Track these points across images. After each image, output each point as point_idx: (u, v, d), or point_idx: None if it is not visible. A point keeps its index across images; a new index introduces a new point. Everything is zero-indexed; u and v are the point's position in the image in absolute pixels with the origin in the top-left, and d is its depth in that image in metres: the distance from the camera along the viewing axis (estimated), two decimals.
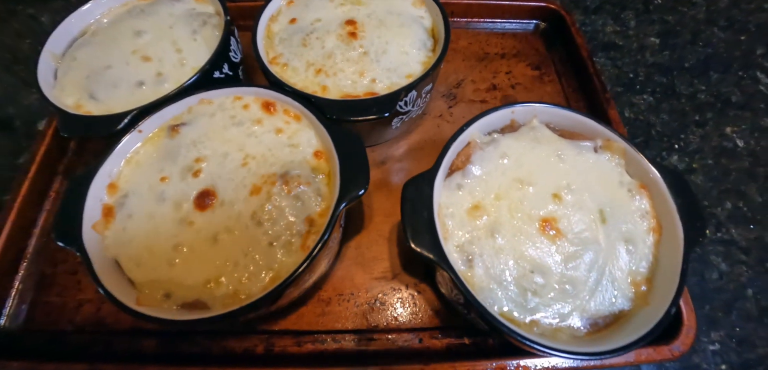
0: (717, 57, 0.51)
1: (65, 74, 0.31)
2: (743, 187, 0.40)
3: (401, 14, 0.35)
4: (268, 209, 0.25)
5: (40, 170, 0.35)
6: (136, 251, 0.24)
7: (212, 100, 0.29)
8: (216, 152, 0.27)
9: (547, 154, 0.28)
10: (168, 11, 0.35)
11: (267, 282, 0.23)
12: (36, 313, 0.31)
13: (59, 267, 0.33)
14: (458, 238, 0.25)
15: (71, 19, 0.34)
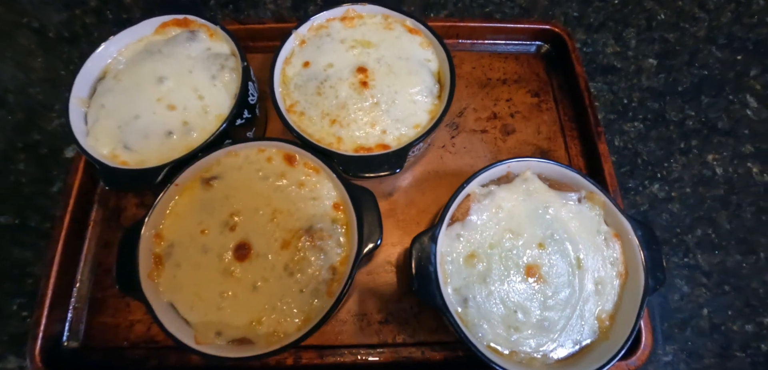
0: (711, 79, 0.54)
1: (96, 122, 0.34)
2: (714, 214, 0.45)
3: (409, 59, 0.37)
4: (298, 261, 0.29)
5: (77, 202, 0.39)
6: (187, 296, 0.29)
7: (238, 153, 0.33)
8: (247, 207, 0.31)
9: (535, 207, 0.32)
10: (185, 53, 0.37)
11: (300, 323, 0.28)
12: (93, 332, 0.37)
13: (108, 292, 0.38)
14: (456, 282, 0.31)
15: (89, 63, 0.36)
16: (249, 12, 0.52)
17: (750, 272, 0.43)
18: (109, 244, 0.40)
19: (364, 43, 0.38)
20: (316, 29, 0.39)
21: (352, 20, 0.39)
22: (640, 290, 0.29)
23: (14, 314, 0.38)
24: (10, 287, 0.39)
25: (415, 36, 0.39)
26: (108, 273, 0.39)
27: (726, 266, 0.43)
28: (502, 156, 0.45)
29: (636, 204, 0.45)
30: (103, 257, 0.39)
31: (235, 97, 0.35)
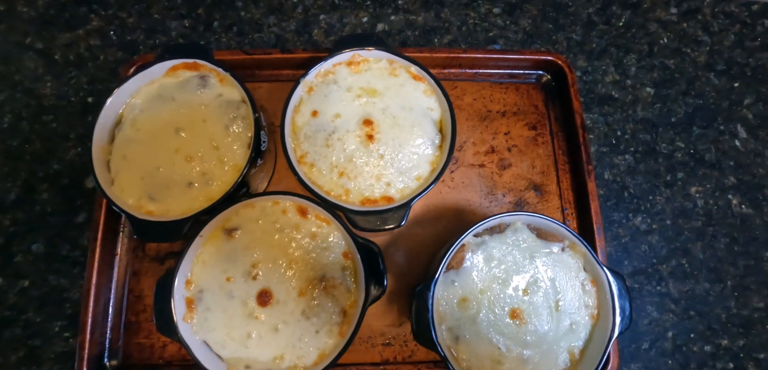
0: (704, 109, 0.56)
1: (120, 173, 0.38)
2: (690, 245, 0.50)
3: (413, 109, 0.40)
4: (313, 306, 0.34)
5: (104, 235, 0.43)
6: (219, 336, 0.34)
7: (254, 205, 0.37)
8: (267, 257, 0.35)
9: (523, 257, 0.37)
10: (198, 100, 0.40)
11: (316, 358, 0.34)
12: (130, 351, 0.43)
13: (141, 316, 0.43)
14: (449, 322, 0.36)
15: (105, 112, 0.39)
16: (253, 36, 0.53)
17: (715, 299, 0.49)
18: (137, 272, 0.45)
19: (369, 91, 0.40)
20: (323, 75, 0.41)
21: (358, 64, 0.41)
22: (608, 332, 0.35)
23: (57, 334, 0.44)
24: (51, 310, 0.44)
25: (419, 83, 0.41)
26: (138, 299, 0.44)
27: (694, 293, 0.49)
28: (498, 190, 0.49)
29: (618, 236, 0.50)
30: (133, 285, 0.44)
31: (249, 147, 0.38)
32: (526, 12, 0.57)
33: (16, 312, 0.45)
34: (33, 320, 0.44)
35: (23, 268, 0.46)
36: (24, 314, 0.45)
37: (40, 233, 0.47)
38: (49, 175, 0.48)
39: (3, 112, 0.51)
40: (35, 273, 0.46)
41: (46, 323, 0.44)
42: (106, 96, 0.50)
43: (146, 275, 0.44)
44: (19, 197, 0.48)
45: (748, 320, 0.49)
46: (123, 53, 0.53)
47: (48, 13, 0.55)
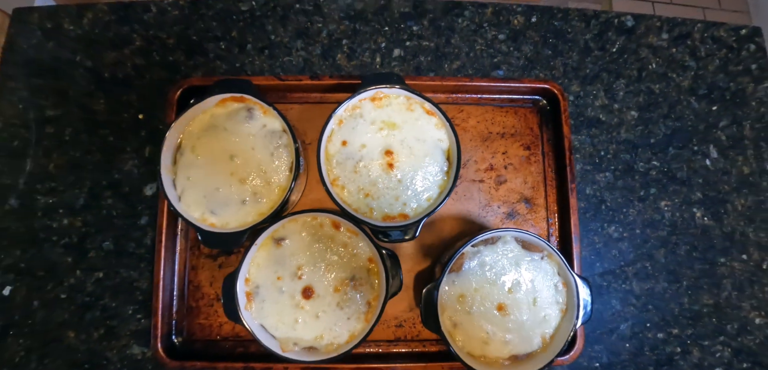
0: (682, 131, 0.67)
1: (185, 191, 0.49)
2: (654, 251, 0.63)
3: (426, 140, 0.51)
4: (345, 300, 0.47)
5: (166, 237, 0.56)
6: (272, 322, 0.47)
7: (297, 220, 0.49)
8: (309, 262, 0.48)
9: (510, 263, 0.50)
10: (247, 131, 0.50)
11: (347, 338, 0.48)
12: (193, 330, 0.56)
13: (200, 302, 0.57)
14: (450, 312, 0.49)
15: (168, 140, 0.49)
16: (283, 59, 0.63)
17: (671, 297, 0.63)
18: (195, 267, 0.57)
19: (390, 124, 0.51)
20: (351, 110, 0.52)
21: (380, 100, 0.52)
22: (572, 323, 0.48)
23: (130, 316, 0.57)
24: (124, 297, 0.58)
25: (432, 117, 0.52)
26: (197, 288, 0.57)
27: (653, 291, 0.62)
28: (494, 203, 0.61)
29: (593, 243, 0.62)
30: (192, 277, 0.57)
31: (291, 170, 0.50)
32: (528, 38, 0.66)
33: (94, 298, 0.58)
34: (109, 305, 0.58)
35: (96, 262, 0.58)
36: (101, 300, 0.58)
37: (108, 233, 0.59)
38: (112, 184, 0.60)
39: (63, 126, 0.61)
40: (107, 267, 0.58)
41: (120, 307, 0.58)
42: (156, 114, 0.61)
43: (202, 269, 0.57)
44: (86, 202, 0.59)
45: (697, 314, 0.63)
46: (166, 73, 0.62)
47: (93, 31, 0.64)
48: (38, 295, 0.58)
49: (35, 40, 0.65)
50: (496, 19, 0.67)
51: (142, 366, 0.56)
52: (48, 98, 0.62)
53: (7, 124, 0.62)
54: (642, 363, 0.61)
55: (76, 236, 0.59)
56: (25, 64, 0.64)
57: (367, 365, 0.54)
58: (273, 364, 0.53)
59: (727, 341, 0.63)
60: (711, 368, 0.62)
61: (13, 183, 0.61)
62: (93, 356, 0.57)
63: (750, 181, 0.67)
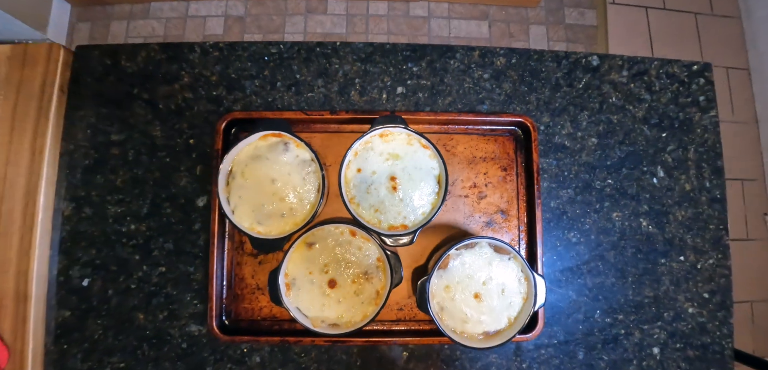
0: (634, 154, 0.86)
1: (237, 207, 0.68)
2: (605, 253, 0.83)
3: (422, 169, 0.70)
4: (359, 289, 0.67)
5: (218, 239, 0.74)
6: (305, 305, 0.67)
7: (324, 229, 0.68)
8: (333, 261, 0.67)
9: (485, 263, 0.69)
10: (284, 160, 0.69)
11: (361, 318, 0.67)
12: (239, 313, 0.76)
13: (244, 291, 0.76)
14: (438, 298, 0.69)
15: (223, 166, 0.67)
16: (307, 95, 0.81)
17: (618, 290, 0.82)
18: (239, 263, 0.76)
19: (394, 156, 0.70)
20: (364, 144, 0.70)
21: (387, 136, 0.70)
22: (531, 308, 0.68)
23: (189, 302, 0.77)
24: (183, 287, 0.77)
25: (426, 150, 0.70)
26: (242, 280, 0.76)
27: (604, 284, 0.82)
28: (476, 214, 0.80)
29: (555, 246, 0.82)
30: (237, 271, 0.76)
31: (318, 191, 0.68)
32: (508, 77, 0.84)
33: (159, 288, 0.77)
34: (171, 293, 0.77)
35: (159, 259, 0.77)
36: (164, 289, 0.77)
37: (168, 236, 0.77)
38: (170, 196, 0.78)
39: (127, 149, 0.79)
40: (169, 263, 0.77)
41: (180, 295, 0.77)
42: (205, 139, 0.79)
43: (245, 265, 0.76)
44: (149, 211, 0.78)
45: (639, 304, 0.83)
46: (211, 105, 0.80)
47: (147, 68, 0.81)
48: (112, 285, 0.77)
49: (97, 75, 0.82)
50: (482, 60, 0.84)
51: (198, 341, 0.76)
52: (112, 125, 0.80)
53: (79, 146, 0.80)
54: (592, 341, 0.81)
55: (141, 238, 0.78)
56: (91, 95, 0.81)
57: (375, 338, 0.74)
58: (302, 338, 0.73)
59: (664, 326, 0.83)
60: (649, 346, 0.82)
61: (87, 195, 0.79)
62: (159, 333, 0.76)
63: (690, 196, 0.86)
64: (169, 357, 0.76)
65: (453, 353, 0.79)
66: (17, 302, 0.77)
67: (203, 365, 0.76)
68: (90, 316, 0.76)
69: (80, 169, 0.79)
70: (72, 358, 0.76)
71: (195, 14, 1.74)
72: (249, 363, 0.76)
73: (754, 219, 1.92)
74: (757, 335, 1.88)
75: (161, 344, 0.76)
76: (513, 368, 0.79)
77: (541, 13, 1.91)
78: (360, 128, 0.75)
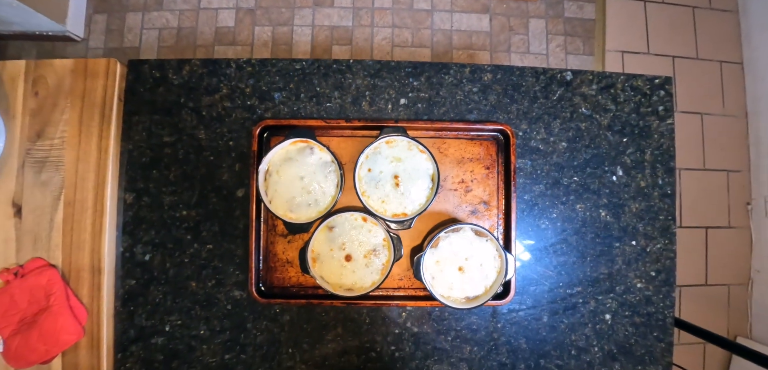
0: (598, 156, 1.10)
1: (273, 199, 0.93)
2: (569, 237, 1.08)
3: (419, 169, 0.95)
4: (369, 262, 0.94)
5: (255, 224, 1.00)
6: (328, 274, 0.94)
7: (342, 215, 0.94)
8: (349, 240, 0.93)
9: (467, 243, 0.95)
10: (309, 161, 0.94)
11: (370, 285, 0.94)
12: (272, 281, 1.02)
13: (276, 264, 1.02)
14: (430, 270, 0.95)
15: (262, 167, 0.93)
16: (325, 105, 1.04)
17: (578, 267, 1.09)
18: (272, 242, 1.02)
19: (397, 159, 0.95)
20: (373, 150, 0.95)
21: (391, 143, 0.95)
22: (502, 279, 0.94)
23: (232, 273, 1.03)
24: (227, 260, 1.03)
25: (423, 154, 0.95)
26: (275, 256, 1.02)
27: (566, 262, 1.08)
28: (463, 204, 1.05)
29: (527, 231, 1.07)
30: (271, 248, 1.02)
31: (337, 187, 0.94)
32: (493, 90, 1.08)
33: (207, 262, 1.03)
34: (217, 265, 1.03)
35: (207, 239, 1.03)
36: (212, 262, 1.03)
37: (215, 220, 1.03)
38: (214, 188, 1.03)
39: (178, 149, 1.04)
40: (215, 241, 1.03)
41: (225, 267, 1.03)
42: (242, 142, 1.04)
43: (277, 243, 1.02)
44: (198, 200, 1.03)
45: (595, 279, 1.09)
46: (246, 113, 1.04)
47: (191, 80, 1.05)
48: (169, 260, 1.03)
49: (149, 86, 1.05)
50: (472, 76, 1.07)
51: (241, 303, 1.03)
52: (164, 128, 1.04)
53: (137, 146, 1.05)
54: (555, 307, 1.08)
55: (192, 222, 1.03)
56: (144, 103, 1.05)
57: (381, 301, 1.01)
58: (323, 300, 0.99)
59: (616, 297, 1.10)
60: (602, 313, 1.10)
61: (145, 187, 1.04)
62: (208, 298, 1.03)
63: (644, 192, 1.12)
64: (217, 316, 1.03)
65: (442, 313, 1.06)
66: (92, 273, 1.04)
67: (244, 323, 1.03)
68: (152, 284, 1.03)
69: (139, 166, 1.04)
70: (138, 317, 1.03)
71: (207, 6, 1.94)
72: (281, 321, 1.03)
73: (736, 208, 2.18)
74: (733, 316, 2.18)
75: (211, 306, 1.03)
76: (490, 327, 1.07)
77: (541, 7, 2.10)
78: (370, 134, 1.00)
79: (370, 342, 1.04)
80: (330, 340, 1.03)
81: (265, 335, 1.03)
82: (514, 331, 1.07)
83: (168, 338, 1.03)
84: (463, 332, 1.06)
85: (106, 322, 1.05)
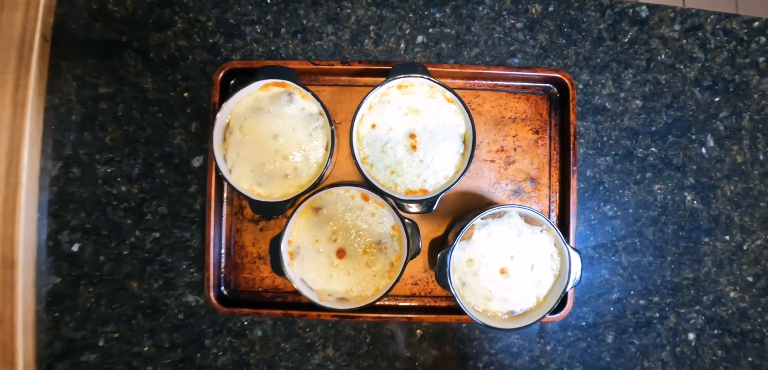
0: (682, 120, 0.75)
1: (235, 166, 0.59)
2: (644, 229, 0.73)
3: (446, 126, 0.60)
4: (371, 260, 0.59)
5: (215, 203, 0.66)
6: (311, 276, 0.59)
7: (332, 192, 0.59)
8: (342, 228, 0.59)
9: (513, 234, 0.60)
10: (287, 113, 0.60)
11: (373, 291, 0.60)
12: (238, 283, 0.69)
13: (244, 259, 0.69)
14: (459, 273, 0.60)
15: (219, 119, 0.59)
16: (315, 43, 0.71)
17: (655, 269, 0.73)
18: (239, 229, 0.69)
19: (414, 110, 0.60)
20: (380, 96, 0.60)
21: (406, 88, 0.60)
22: (563, 287, 0.59)
23: (185, 270, 0.70)
24: (179, 255, 0.70)
25: (451, 105, 0.60)
26: (242, 248, 0.69)
27: (640, 263, 0.73)
28: (502, 181, 0.71)
29: (589, 220, 0.72)
30: (237, 238, 0.69)
31: (326, 149, 0.60)
32: (544, 27, 0.73)
33: (153, 255, 0.70)
34: (166, 260, 0.70)
35: (153, 224, 0.70)
36: (159, 256, 0.70)
37: (162, 199, 0.70)
38: (163, 156, 0.70)
39: (116, 103, 0.71)
40: (163, 228, 0.70)
41: (175, 262, 0.70)
42: (201, 93, 0.70)
43: (246, 231, 0.69)
44: (141, 171, 0.70)
45: (677, 286, 0.74)
46: (207, 54, 0.70)
47: (137, 13, 0.71)
48: (104, 251, 0.70)
49: (83, 21, 0.72)
50: (515, 7, 0.73)
51: (196, 312, 0.70)
52: (100, 77, 0.71)
53: (65, 100, 0.72)
54: (623, 324, 0.73)
55: (133, 201, 0.70)
56: (76, 43, 0.72)
57: (387, 314, 0.67)
58: (308, 311, 0.66)
59: (702, 310, 0.74)
60: (684, 332, 0.74)
61: (74, 154, 0.71)
62: (154, 303, 0.70)
63: (742, 169, 0.76)
64: (165, 328, 0.70)
65: (471, 332, 0.71)
66: (4, 268, 0.70)
67: (201, 338, 0.69)
68: (81, 283, 0.70)
69: (67, 126, 0.71)
70: (65, 327, 0.70)
71: None
72: (250, 337, 0.69)
73: None
74: None
75: (157, 314, 0.70)
76: (536, 349, 0.72)
77: None
78: (375, 82, 0.65)
79: (372, 369, 0.70)
80: (317, 364, 0.69)
81: (229, 356, 0.69)
82: (568, 356, 0.72)
83: (102, 356, 0.70)
84: (499, 356, 0.71)
85: (23, 332, 0.71)
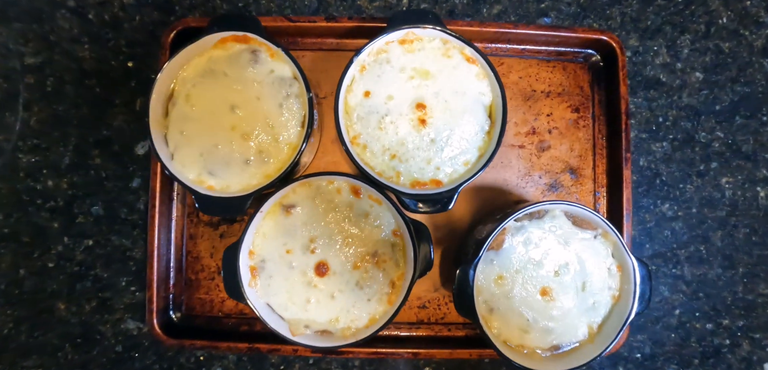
0: (751, 97, 0.56)
1: (179, 148, 0.40)
2: (711, 233, 0.54)
3: (465, 94, 0.41)
4: (365, 278, 0.39)
5: (161, 201, 0.47)
6: (281, 300, 0.39)
7: (311, 183, 0.40)
8: (324, 234, 0.39)
9: (558, 242, 0.41)
10: (251, 77, 0.41)
11: (367, 322, 0.40)
12: (193, 305, 0.49)
13: (200, 274, 0.49)
14: (485, 295, 0.41)
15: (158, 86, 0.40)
16: (294, 0, 0.52)
17: (724, 284, 0.54)
18: (193, 235, 0.49)
19: (422, 73, 0.41)
20: (376, 54, 0.41)
21: (411, 43, 0.41)
22: (626, 313, 0.40)
23: (124, 288, 0.50)
24: (117, 267, 0.50)
25: (472, 66, 0.42)
26: (197, 259, 0.49)
27: (706, 277, 0.54)
28: (535, 171, 0.51)
29: (644, 221, 0.53)
30: (191, 247, 0.49)
31: (303, 125, 0.40)
32: None
33: (85, 268, 0.50)
34: (101, 275, 0.50)
35: (86, 228, 0.51)
36: (92, 270, 0.50)
37: (98, 197, 0.51)
38: (100, 141, 0.51)
39: (45, 76, 0.52)
40: (98, 233, 0.50)
41: (113, 277, 0.50)
42: (149, 62, 0.51)
43: (202, 238, 0.49)
44: (73, 161, 0.51)
45: (751, 304, 0.54)
46: (159, 14, 0.52)
47: None
48: (25, 262, 0.51)
49: None
50: None
51: (138, 342, 0.50)
52: (27, 44, 0.52)
53: None
54: (687, 355, 0.53)
55: (62, 199, 0.51)
56: (3, 5, 0.53)
57: (387, 349, 0.47)
58: (281, 345, 0.46)
59: None
60: (760, 363, 0.54)
61: None
62: (86, 330, 0.50)
63: None
64: (99, 363, 0.50)
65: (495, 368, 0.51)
66: None
67: None
68: None
69: None
70: None
71: None
72: None
73: None
74: None
75: (89, 345, 0.50)
76: None
77: None
78: None
79: None
80: None
81: None
82: None
83: None
84: None
85: None
